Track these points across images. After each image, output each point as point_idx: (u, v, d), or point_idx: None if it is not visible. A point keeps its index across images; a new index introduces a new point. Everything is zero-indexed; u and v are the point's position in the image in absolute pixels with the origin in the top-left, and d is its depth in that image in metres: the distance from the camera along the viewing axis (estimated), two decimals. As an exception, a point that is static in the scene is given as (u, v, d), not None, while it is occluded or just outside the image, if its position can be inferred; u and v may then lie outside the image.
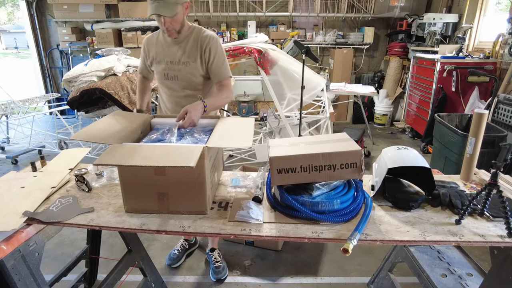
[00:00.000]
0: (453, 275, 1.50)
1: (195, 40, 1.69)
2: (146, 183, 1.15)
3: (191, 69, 1.70)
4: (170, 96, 1.81)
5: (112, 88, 3.20)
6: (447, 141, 2.96)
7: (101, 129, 1.31)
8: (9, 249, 1.01)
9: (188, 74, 1.71)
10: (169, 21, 1.56)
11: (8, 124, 4.48)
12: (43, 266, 1.16)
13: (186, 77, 1.72)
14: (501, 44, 3.83)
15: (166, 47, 1.72)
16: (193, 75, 1.72)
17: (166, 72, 1.74)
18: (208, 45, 1.67)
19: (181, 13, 1.59)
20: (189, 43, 1.69)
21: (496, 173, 1.04)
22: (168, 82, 1.77)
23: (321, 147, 1.16)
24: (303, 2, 5.48)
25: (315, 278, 2.08)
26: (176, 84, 1.75)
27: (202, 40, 1.68)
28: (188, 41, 1.69)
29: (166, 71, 1.74)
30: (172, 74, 1.73)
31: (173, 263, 2.17)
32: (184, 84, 1.74)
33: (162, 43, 1.74)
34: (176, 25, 1.61)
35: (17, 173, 1.46)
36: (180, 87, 1.75)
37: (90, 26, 5.57)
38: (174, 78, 1.74)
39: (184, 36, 1.70)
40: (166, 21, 1.56)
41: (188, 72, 1.71)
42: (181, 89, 1.76)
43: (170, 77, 1.75)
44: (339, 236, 1.04)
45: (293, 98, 3.38)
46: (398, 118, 5.62)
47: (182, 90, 1.76)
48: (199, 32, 1.70)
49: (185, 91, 1.76)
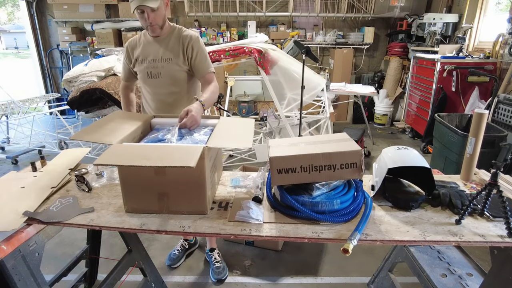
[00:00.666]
0: (453, 275, 1.50)
1: (177, 38, 1.73)
2: (146, 183, 1.15)
3: (174, 65, 1.72)
4: (153, 95, 1.82)
5: (112, 88, 3.20)
6: (447, 141, 2.96)
7: (101, 129, 1.31)
8: (9, 249, 1.01)
9: (171, 70, 1.73)
10: (152, 15, 1.60)
11: (8, 124, 4.48)
12: (43, 266, 1.16)
13: (169, 74, 1.74)
14: (501, 44, 3.83)
15: (148, 46, 1.74)
16: (176, 71, 1.74)
17: (149, 70, 1.74)
18: (190, 42, 1.71)
19: (162, 8, 1.64)
20: (171, 41, 1.72)
21: (496, 173, 1.04)
22: (151, 80, 1.77)
23: (321, 147, 1.16)
24: (303, 2, 5.48)
25: (315, 278, 2.08)
26: (160, 82, 1.76)
27: (184, 37, 1.72)
28: (170, 39, 1.73)
29: (149, 69, 1.74)
30: (155, 72, 1.74)
31: (173, 263, 2.17)
32: (168, 81, 1.75)
33: (144, 43, 1.76)
34: (159, 20, 1.64)
35: (17, 173, 1.46)
36: (164, 84, 1.76)
37: (90, 26, 5.57)
38: (158, 76, 1.75)
39: (166, 34, 1.73)
40: (150, 16, 1.60)
41: (171, 68, 1.72)
42: (164, 86, 1.76)
43: (153, 75, 1.75)
44: (339, 236, 1.04)
45: (293, 98, 3.38)
46: (398, 118, 5.62)
47: (165, 88, 1.77)
48: (180, 30, 1.75)
49: (169, 88, 1.77)
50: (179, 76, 1.75)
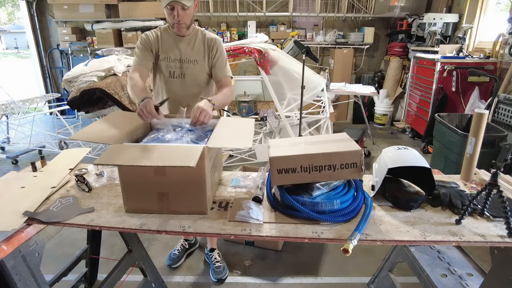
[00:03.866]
0: (453, 275, 1.50)
1: (201, 40, 1.72)
2: (146, 183, 1.15)
3: (199, 68, 1.71)
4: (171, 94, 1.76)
5: (112, 88, 3.20)
6: (447, 141, 2.96)
7: (101, 129, 1.31)
8: (10, 249, 1.01)
9: (195, 72, 1.72)
10: (182, 13, 1.57)
11: (9, 124, 4.48)
12: (43, 266, 1.16)
13: (193, 76, 1.72)
14: (501, 44, 3.83)
15: (171, 44, 1.69)
16: (200, 74, 1.73)
17: (172, 70, 1.71)
18: (215, 45, 1.72)
19: (193, 8, 1.62)
20: (196, 42, 1.71)
21: (496, 173, 1.04)
22: (172, 80, 1.73)
23: (321, 147, 1.16)
24: (303, 2, 5.48)
25: (315, 278, 2.08)
26: (182, 83, 1.73)
27: (209, 40, 1.72)
28: (195, 40, 1.71)
29: (171, 69, 1.71)
30: (178, 72, 1.71)
31: (173, 263, 2.17)
32: (190, 83, 1.73)
33: (166, 40, 1.70)
34: (187, 19, 1.61)
35: (17, 173, 1.46)
36: (186, 85, 1.73)
37: (90, 26, 5.57)
38: (180, 77, 1.72)
39: (191, 35, 1.71)
40: (180, 13, 1.56)
41: (195, 70, 1.71)
42: (186, 88, 1.74)
43: (175, 76, 1.72)
44: (339, 236, 1.04)
45: (293, 98, 3.38)
46: (398, 118, 5.62)
47: (187, 89, 1.74)
48: (203, 32, 1.75)
49: (190, 89, 1.75)
50: (202, 78, 1.74)
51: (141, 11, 5.40)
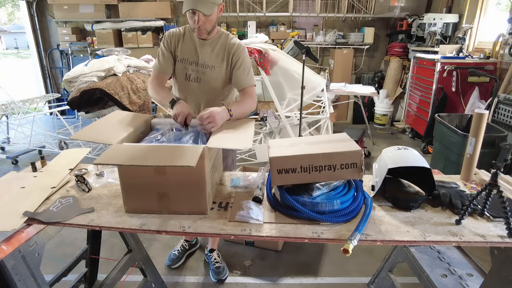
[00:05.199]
0: (453, 275, 1.50)
1: (223, 45, 1.65)
2: (146, 183, 1.15)
3: (216, 74, 1.65)
4: (187, 98, 1.71)
5: (112, 88, 3.20)
6: (447, 141, 2.96)
7: (101, 129, 1.31)
8: (9, 249, 1.01)
9: (211, 78, 1.66)
10: (203, 19, 1.51)
11: (9, 124, 4.48)
12: (43, 266, 1.16)
13: (209, 81, 1.66)
14: (501, 44, 3.83)
15: (192, 47, 1.66)
16: (216, 80, 1.67)
17: (189, 73, 1.67)
18: (237, 51, 1.64)
19: (215, 14, 1.55)
20: (217, 47, 1.65)
21: (496, 173, 1.04)
22: (188, 83, 1.69)
23: (321, 147, 1.16)
24: (303, 3, 5.48)
25: (315, 279, 2.08)
26: (197, 87, 1.68)
27: (230, 46, 1.65)
28: (216, 45, 1.65)
29: (188, 71, 1.67)
30: (194, 76, 1.67)
31: (173, 264, 2.17)
32: (206, 88, 1.68)
33: (188, 42, 1.66)
34: (208, 26, 1.55)
35: (17, 173, 1.46)
36: (201, 90, 1.68)
37: (90, 27, 5.57)
38: (196, 81, 1.67)
39: (213, 39, 1.65)
40: (201, 19, 1.50)
41: (212, 76, 1.66)
42: (201, 93, 1.69)
43: (191, 79, 1.68)
44: (339, 236, 1.04)
45: (293, 98, 3.38)
46: (398, 118, 5.62)
47: (201, 94, 1.69)
48: (227, 37, 1.67)
49: (204, 95, 1.69)
50: (217, 84, 1.68)
51: (141, 11, 5.41)
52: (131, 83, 3.39)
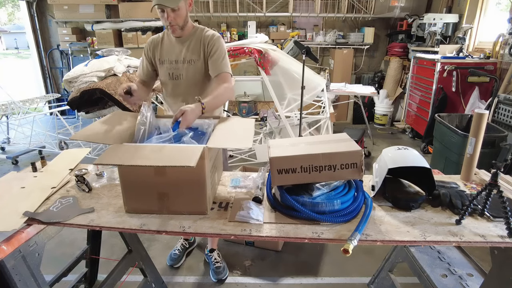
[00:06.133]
0: (453, 275, 1.50)
1: (199, 39, 1.69)
2: (146, 183, 1.15)
3: (196, 68, 1.70)
4: (174, 96, 1.79)
5: (112, 88, 3.20)
6: (448, 141, 2.96)
7: (101, 129, 1.31)
8: (10, 250, 1.01)
9: (193, 72, 1.71)
10: (172, 15, 1.56)
11: (9, 125, 4.48)
12: (43, 266, 1.16)
13: (191, 76, 1.72)
14: (501, 44, 3.83)
15: (170, 47, 1.72)
16: (198, 74, 1.72)
17: (171, 72, 1.72)
18: (211, 40, 1.68)
19: (184, 8, 1.60)
20: (193, 42, 1.69)
21: (496, 173, 1.04)
22: (172, 82, 1.75)
23: (322, 148, 1.16)
24: (303, 3, 5.48)
25: (316, 279, 2.08)
26: (181, 84, 1.74)
27: (205, 37, 1.69)
28: (192, 40, 1.70)
29: (170, 70, 1.72)
30: (176, 73, 1.72)
31: (174, 263, 2.17)
32: (189, 83, 1.73)
33: (166, 44, 1.73)
34: (179, 20, 1.60)
35: (17, 173, 1.46)
36: (185, 86, 1.74)
37: (91, 27, 5.57)
38: (179, 78, 1.73)
39: (188, 35, 1.70)
40: (169, 15, 1.55)
41: (193, 71, 1.71)
42: (186, 88, 1.74)
43: (175, 77, 1.73)
44: (339, 236, 1.04)
45: (293, 98, 3.38)
46: (398, 118, 5.62)
47: (186, 89, 1.74)
48: (202, 31, 1.72)
49: (189, 90, 1.74)
50: (198, 78, 1.73)
51: (141, 11, 5.40)
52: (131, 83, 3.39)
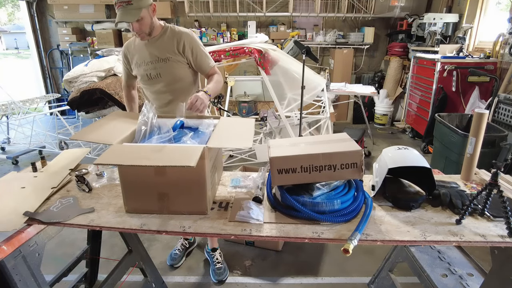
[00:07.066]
0: (453, 275, 1.50)
1: (170, 37, 1.74)
2: (147, 183, 1.15)
3: (173, 63, 1.74)
4: (156, 94, 1.83)
5: (112, 88, 3.20)
6: (448, 141, 2.96)
7: (101, 129, 1.31)
8: (10, 250, 1.02)
9: (170, 68, 1.75)
10: (137, 25, 1.64)
11: (9, 125, 4.48)
12: (43, 266, 1.16)
13: (169, 72, 1.75)
14: (501, 44, 3.82)
15: (143, 49, 1.76)
16: (175, 69, 1.76)
17: (148, 72, 1.76)
18: (186, 41, 1.72)
19: (148, 16, 1.66)
20: (165, 40, 1.73)
21: (496, 173, 1.04)
22: (152, 81, 1.79)
23: (322, 147, 1.16)
24: (303, 2, 5.48)
25: (316, 278, 2.08)
26: (161, 81, 1.77)
27: (177, 35, 1.73)
28: (164, 39, 1.74)
29: (147, 71, 1.76)
30: (154, 73, 1.76)
31: (175, 263, 2.18)
32: (169, 79, 1.77)
33: (140, 46, 1.78)
34: (144, 28, 1.67)
35: (17, 173, 1.46)
36: (165, 83, 1.78)
37: (91, 27, 5.58)
38: (158, 76, 1.76)
39: (158, 36, 1.74)
40: (134, 26, 1.64)
41: (170, 67, 1.74)
42: (166, 85, 1.78)
43: (153, 76, 1.77)
44: (339, 236, 1.04)
45: (293, 98, 3.38)
46: (398, 118, 5.62)
47: (167, 86, 1.78)
48: (172, 29, 1.76)
49: (171, 86, 1.78)
50: (180, 72, 1.77)
51: (141, 11, 5.40)
52: (131, 83, 3.39)
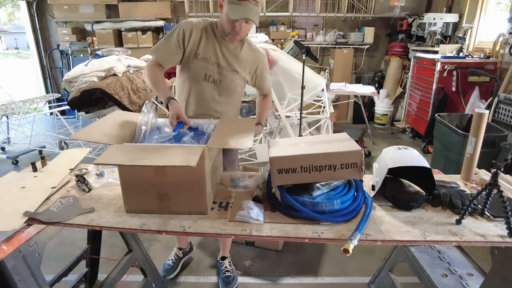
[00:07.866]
0: (453, 275, 1.50)
1: (246, 52, 1.64)
2: (147, 183, 1.15)
3: (238, 79, 1.65)
4: (200, 97, 1.65)
5: (112, 88, 3.20)
6: (448, 141, 2.96)
7: (102, 129, 1.31)
8: (10, 250, 1.02)
9: (233, 82, 1.64)
10: (245, 27, 1.48)
11: (9, 125, 4.48)
12: (43, 266, 1.16)
13: (229, 84, 1.64)
14: (501, 44, 3.83)
15: (215, 48, 1.58)
16: (236, 85, 1.66)
17: (209, 73, 1.59)
18: (261, 61, 1.70)
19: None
20: (242, 52, 1.63)
21: (496, 173, 1.04)
22: (205, 83, 1.61)
23: (322, 147, 1.16)
24: (303, 2, 5.48)
25: (316, 278, 2.08)
26: (216, 89, 1.63)
27: (254, 53, 1.67)
28: (241, 50, 1.63)
29: (208, 71, 1.59)
30: (215, 77, 1.61)
31: (168, 274, 2.07)
32: (225, 91, 1.65)
33: (211, 40, 1.57)
34: (244, 34, 1.54)
35: (17, 173, 1.46)
36: (219, 92, 1.64)
37: (91, 27, 5.57)
38: (216, 82, 1.62)
39: (238, 44, 1.62)
40: (243, 27, 1.46)
41: (233, 80, 1.64)
42: (218, 94, 1.65)
43: (211, 80, 1.61)
44: (339, 236, 1.04)
45: (293, 98, 3.38)
46: (398, 118, 5.62)
47: (219, 96, 1.65)
48: (249, 45, 1.67)
49: (222, 97, 1.66)
50: (238, 88, 1.69)
51: (141, 11, 5.40)
52: (131, 83, 3.39)
